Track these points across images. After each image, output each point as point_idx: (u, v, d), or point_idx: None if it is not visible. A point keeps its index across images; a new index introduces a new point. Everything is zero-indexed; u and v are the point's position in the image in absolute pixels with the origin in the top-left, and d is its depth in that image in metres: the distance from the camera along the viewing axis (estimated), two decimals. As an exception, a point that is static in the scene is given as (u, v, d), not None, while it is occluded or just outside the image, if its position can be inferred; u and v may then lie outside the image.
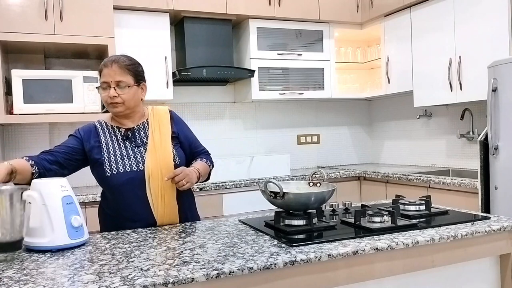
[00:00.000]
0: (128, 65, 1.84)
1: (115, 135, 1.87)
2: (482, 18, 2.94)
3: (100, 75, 1.84)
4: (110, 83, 1.79)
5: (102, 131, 1.88)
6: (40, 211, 1.47)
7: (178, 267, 1.23)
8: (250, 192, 3.27)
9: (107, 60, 1.83)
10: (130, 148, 1.85)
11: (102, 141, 1.85)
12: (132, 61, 1.87)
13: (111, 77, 1.79)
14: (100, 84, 1.83)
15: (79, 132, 1.88)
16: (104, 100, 1.83)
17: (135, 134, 1.88)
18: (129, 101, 1.83)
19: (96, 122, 1.92)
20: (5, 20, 2.78)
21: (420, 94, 3.47)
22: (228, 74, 3.44)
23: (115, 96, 1.79)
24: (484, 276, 1.65)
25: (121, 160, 1.81)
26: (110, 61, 1.81)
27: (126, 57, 1.87)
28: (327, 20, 3.87)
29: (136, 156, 1.83)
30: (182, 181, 1.77)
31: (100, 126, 1.89)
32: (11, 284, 1.15)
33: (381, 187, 3.52)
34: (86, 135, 1.86)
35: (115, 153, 1.82)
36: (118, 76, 1.79)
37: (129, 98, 1.82)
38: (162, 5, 3.29)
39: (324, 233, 1.54)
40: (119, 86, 1.80)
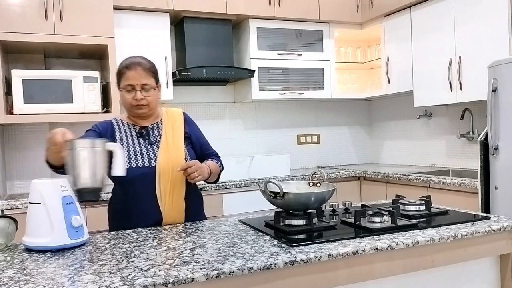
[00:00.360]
0: (150, 68, 1.90)
1: (130, 132, 1.93)
2: (482, 18, 2.94)
3: (120, 77, 1.88)
4: (135, 86, 1.84)
5: (118, 128, 1.94)
6: (40, 211, 1.47)
7: (178, 267, 1.23)
8: (250, 192, 3.27)
9: (130, 63, 1.86)
10: (143, 145, 1.90)
11: (117, 137, 1.91)
12: (151, 63, 1.93)
13: (136, 80, 1.84)
14: (123, 87, 1.86)
15: (97, 127, 1.93)
16: (128, 102, 1.87)
17: (149, 132, 1.94)
18: (152, 103, 1.90)
19: (112, 119, 1.98)
20: (5, 20, 2.78)
21: (420, 94, 3.47)
22: (228, 74, 3.44)
23: (142, 99, 1.85)
24: (484, 276, 1.65)
25: (134, 156, 1.87)
26: (134, 64, 1.86)
27: (145, 59, 1.92)
28: (327, 20, 3.87)
29: (149, 153, 1.89)
30: (194, 173, 1.81)
31: (116, 123, 1.95)
32: (11, 284, 1.15)
33: (381, 187, 3.52)
34: (104, 129, 1.92)
35: (129, 149, 1.88)
36: (143, 79, 1.85)
37: (153, 100, 1.89)
38: (162, 5, 3.29)
39: (324, 233, 1.54)
40: (144, 88, 1.86)
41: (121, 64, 1.90)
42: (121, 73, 1.88)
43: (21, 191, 3.20)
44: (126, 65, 1.86)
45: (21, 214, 2.25)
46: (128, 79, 1.84)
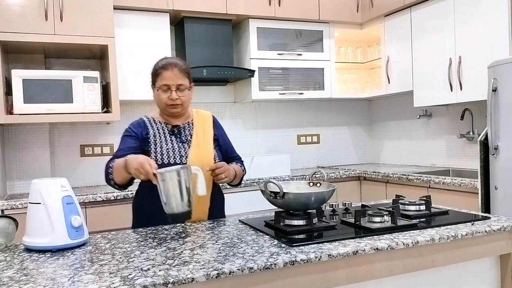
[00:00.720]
0: (185, 69, 1.97)
1: (162, 130, 1.99)
2: (482, 18, 2.94)
3: (156, 77, 1.95)
4: (171, 86, 1.92)
5: (150, 125, 2.00)
6: (40, 211, 1.47)
7: (178, 267, 1.23)
8: (250, 192, 3.27)
9: (166, 64, 1.94)
10: (175, 143, 1.96)
11: (150, 134, 1.96)
12: (186, 64, 2.00)
13: (172, 80, 1.91)
14: (159, 86, 1.93)
15: (132, 130, 1.97)
16: (163, 101, 1.94)
17: (181, 131, 2.01)
18: (186, 102, 1.97)
19: (143, 117, 2.04)
20: (5, 20, 2.78)
21: (420, 94, 3.47)
22: (228, 74, 3.44)
23: (176, 99, 1.92)
24: (484, 276, 1.65)
25: (166, 153, 1.93)
26: (170, 65, 1.93)
27: (180, 60, 1.99)
28: (327, 20, 3.87)
29: (180, 151, 1.94)
30: (221, 175, 1.88)
31: (148, 121, 2.01)
32: (11, 284, 1.15)
33: (381, 187, 3.52)
34: (138, 130, 1.97)
35: (161, 146, 1.94)
36: (179, 79, 1.93)
37: (186, 100, 1.97)
38: (162, 5, 3.29)
39: (324, 233, 1.54)
40: (179, 89, 1.93)
41: (157, 65, 1.97)
42: (157, 73, 1.94)
43: (21, 191, 3.20)
44: (162, 66, 1.94)
45: (21, 214, 2.25)
46: (164, 79, 1.92)
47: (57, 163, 3.37)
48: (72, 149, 3.41)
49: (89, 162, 3.45)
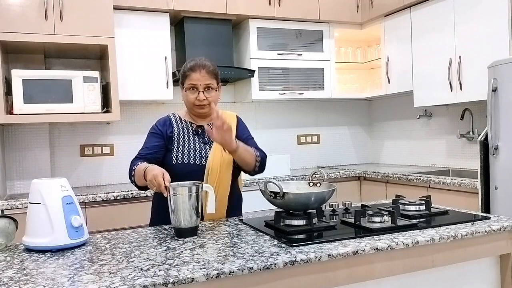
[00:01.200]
0: (214, 70, 1.99)
1: (186, 129, 2.02)
2: (482, 18, 2.94)
3: (185, 78, 1.97)
4: (198, 87, 1.94)
5: (176, 123, 2.03)
6: (40, 211, 1.47)
7: (178, 267, 1.23)
8: (250, 192, 3.27)
9: (195, 65, 1.95)
10: (198, 143, 1.99)
11: (175, 132, 2.00)
12: (214, 65, 2.02)
13: (200, 81, 1.94)
14: (188, 87, 1.96)
15: (158, 128, 2.01)
16: (191, 101, 1.97)
17: (204, 132, 2.01)
18: (214, 103, 1.97)
19: (170, 114, 2.08)
20: (5, 20, 2.78)
21: (420, 94, 3.47)
22: (228, 74, 3.44)
23: (204, 99, 1.95)
24: (484, 276, 1.65)
25: (187, 152, 1.96)
26: (199, 66, 1.95)
27: (209, 61, 2.00)
28: (327, 20, 3.87)
29: (201, 151, 1.97)
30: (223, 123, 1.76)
31: (174, 119, 2.05)
32: (11, 284, 1.15)
33: (381, 187, 3.52)
34: (163, 128, 2.01)
35: (183, 145, 1.97)
36: (207, 80, 1.95)
37: (214, 100, 1.98)
38: (162, 5, 3.29)
39: (324, 233, 1.54)
40: (207, 89, 1.96)
41: (185, 66, 1.99)
42: (185, 74, 1.97)
43: (21, 191, 3.20)
44: (191, 67, 1.96)
45: (21, 214, 2.25)
46: (192, 80, 1.94)
47: (57, 163, 3.37)
48: (72, 149, 3.41)
49: (89, 162, 3.45)
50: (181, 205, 1.57)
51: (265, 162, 2.06)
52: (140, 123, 3.60)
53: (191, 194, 1.58)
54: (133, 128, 3.59)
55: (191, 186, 1.60)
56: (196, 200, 1.59)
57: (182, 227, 1.58)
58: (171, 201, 1.59)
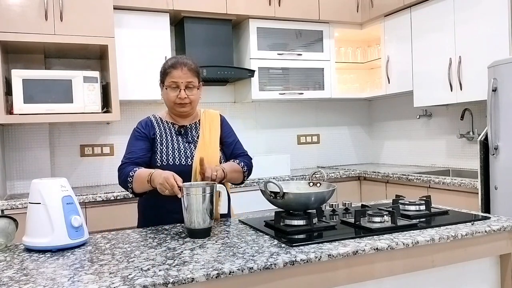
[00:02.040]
0: (195, 68, 1.96)
1: (169, 130, 1.99)
2: (482, 18, 2.94)
3: (165, 75, 1.94)
4: (180, 84, 1.91)
5: (157, 125, 2.00)
6: (40, 211, 1.47)
7: (178, 267, 1.23)
8: (250, 192, 3.27)
9: (176, 62, 1.92)
10: (182, 143, 1.96)
11: (157, 134, 1.97)
12: (195, 63, 1.98)
13: (181, 78, 1.91)
14: (168, 84, 1.93)
15: (141, 131, 1.97)
16: (172, 100, 1.93)
17: (187, 132, 2.00)
18: (194, 102, 1.96)
19: (151, 116, 2.04)
20: (5, 20, 2.78)
21: (420, 94, 3.47)
22: (228, 74, 3.44)
23: (185, 97, 1.91)
24: (484, 276, 1.65)
25: (172, 153, 1.93)
26: (180, 64, 1.92)
27: (189, 59, 1.97)
28: (327, 20, 3.87)
29: (186, 151, 1.94)
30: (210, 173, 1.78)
31: (155, 120, 2.02)
32: (11, 284, 1.15)
33: (381, 187, 3.52)
34: (146, 130, 1.98)
35: (167, 146, 1.94)
36: (188, 78, 1.91)
37: (195, 99, 1.96)
38: (162, 5, 3.29)
39: (324, 233, 1.54)
40: (188, 87, 1.92)
41: (166, 63, 1.96)
42: (166, 72, 1.94)
43: (21, 191, 3.20)
44: (171, 64, 1.93)
45: (21, 214, 2.25)
46: (173, 77, 1.91)
47: (57, 163, 3.37)
48: (72, 149, 3.41)
49: (89, 162, 3.45)
50: (195, 206, 1.56)
51: (251, 168, 2.09)
52: (140, 123, 3.59)
53: (205, 195, 1.57)
54: (133, 128, 3.58)
55: (204, 186, 1.59)
56: (210, 201, 1.58)
57: (196, 228, 1.57)
58: (184, 202, 1.58)
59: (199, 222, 1.56)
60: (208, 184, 1.62)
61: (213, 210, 1.61)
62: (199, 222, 1.56)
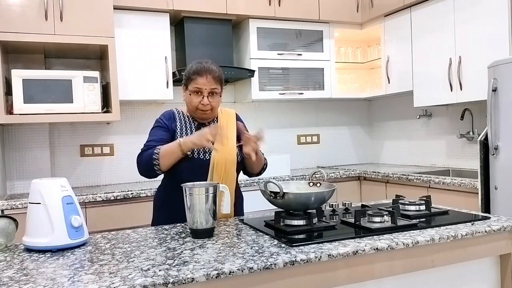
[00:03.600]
0: (219, 75, 1.98)
1: (189, 124, 2.03)
2: (482, 18, 2.94)
3: (190, 80, 1.96)
4: (203, 91, 1.94)
5: (179, 118, 2.04)
6: (40, 211, 1.47)
7: (178, 267, 1.23)
8: (250, 192, 3.27)
9: (201, 69, 1.94)
10: None
11: (178, 127, 2.01)
12: (220, 70, 2.01)
13: (205, 85, 1.93)
14: (192, 90, 1.95)
15: (163, 121, 2.02)
16: (194, 105, 1.96)
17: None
18: (216, 107, 2.01)
19: (174, 109, 2.09)
20: (5, 20, 2.78)
21: (420, 94, 3.47)
22: (228, 74, 3.44)
23: (207, 104, 1.95)
24: (484, 276, 1.65)
25: None
26: (205, 71, 1.93)
27: (215, 66, 1.99)
28: (327, 20, 3.87)
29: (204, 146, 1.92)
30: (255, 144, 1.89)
31: (178, 114, 2.06)
32: (11, 284, 1.15)
33: (381, 187, 3.52)
34: (168, 122, 2.02)
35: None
36: (212, 85, 1.94)
37: (217, 105, 2.00)
38: (162, 5, 3.29)
39: (324, 233, 1.54)
40: (211, 94, 1.96)
41: (191, 68, 1.97)
42: (191, 78, 1.95)
43: (21, 191, 3.20)
44: (197, 71, 1.94)
45: (21, 214, 2.25)
46: (198, 84, 1.93)
47: (57, 163, 3.37)
48: (72, 149, 3.41)
49: (89, 162, 3.45)
50: (197, 206, 1.56)
51: (267, 166, 2.16)
52: (140, 123, 3.60)
53: (208, 195, 1.57)
54: (133, 128, 3.59)
55: (208, 186, 1.59)
56: (213, 201, 1.58)
57: (199, 228, 1.57)
58: (187, 202, 1.58)
59: (201, 223, 1.56)
60: (211, 184, 1.62)
61: (216, 210, 1.61)
62: (201, 223, 1.56)
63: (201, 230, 1.57)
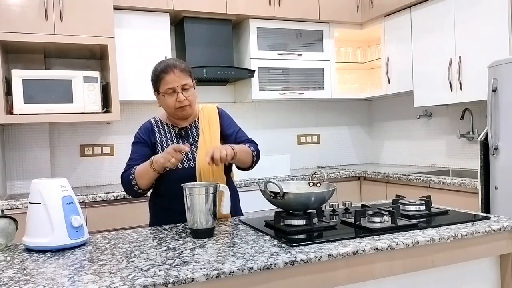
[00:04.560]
0: (186, 67, 1.91)
1: (169, 133, 1.97)
2: (482, 18, 2.94)
3: (159, 82, 1.88)
4: (176, 88, 1.86)
5: (158, 129, 1.98)
6: (40, 211, 1.47)
7: (178, 267, 1.23)
8: (250, 192, 3.27)
9: (165, 67, 1.88)
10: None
11: (157, 139, 1.95)
12: (184, 63, 1.94)
13: (176, 82, 1.86)
14: (164, 91, 1.87)
15: (141, 136, 1.96)
16: (171, 105, 1.89)
17: (188, 133, 1.98)
18: (193, 101, 1.93)
19: (151, 119, 2.02)
20: (5, 20, 2.78)
21: (420, 94, 3.47)
22: (228, 74, 3.44)
23: (184, 100, 1.87)
24: (484, 276, 1.65)
25: None
26: (170, 67, 1.87)
27: (177, 60, 1.93)
28: (327, 20, 3.87)
29: (188, 154, 1.90)
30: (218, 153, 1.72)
31: (156, 124, 1.99)
32: (11, 284, 1.15)
33: (381, 187, 3.52)
34: (146, 135, 1.96)
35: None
36: (182, 80, 1.87)
37: (194, 99, 1.92)
38: (162, 5, 3.29)
39: (324, 233, 1.54)
40: (184, 89, 1.88)
41: (156, 69, 1.91)
42: (159, 78, 1.88)
43: (21, 191, 3.20)
44: (162, 70, 1.88)
45: (21, 214, 2.25)
46: (168, 83, 1.86)
47: (57, 163, 3.37)
48: (72, 149, 3.41)
49: (89, 162, 3.45)
50: (197, 206, 1.56)
51: (259, 152, 2.03)
52: (140, 123, 3.55)
53: (208, 195, 1.57)
54: (133, 128, 3.58)
55: (208, 186, 1.59)
56: (213, 201, 1.58)
57: (199, 228, 1.57)
58: (187, 202, 1.58)
59: (201, 223, 1.56)
60: (211, 184, 1.62)
61: (216, 210, 1.61)
62: (201, 223, 1.56)
63: (201, 230, 1.57)
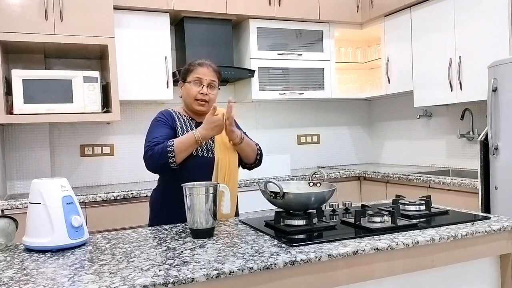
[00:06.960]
0: (218, 70, 2.05)
1: (189, 123, 2.04)
2: (482, 18, 2.94)
3: (190, 72, 2.01)
4: (203, 81, 1.98)
5: (177, 118, 2.04)
6: (40, 211, 1.47)
7: (178, 267, 1.23)
8: (250, 192, 3.27)
9: (201, 62, 2.02)
10: None
11: (178, 126, 2.01)
12: (218, 67, 2.08)
13: (206, 75, 1.99)
14: (192, 79, 1.98)
15: (165, 118, 2.01)
16: (193, 95, 1.98)
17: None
18: (212, 101, 2.01)
19: (170, 109, 2.08)
20: (5, 20, 2.78)
21: (420, 94, 3.47)
22: (228, 74, 3.44)
23: (206, 94, 1.98)
24: (484, 276, 1.65)
25: None
26: (205, 63, 2.01)
27: (213, 63, 2.06)
28: (327, 20, 3.87)
29: (206, 144, 1.98)
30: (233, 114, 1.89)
31: (175, 114, 2.05)
32: (11, 284, 1.15)
33: (381, 187, 3.52)
34: (169, 119, 2.01)
35: None
36: (212, 76, 2.00)
37: (214, 99, 2.02)
38: (162, 5, 3.29)
39: (324, 233, 1.54)
40: (210, 86, 2.00)
41: (192, 62, 2.03)
42: (191, 69, 2.01)
43: (21, 191, 3.20)
44: (198, 63, 2.01)
45: (21, 214, 2.25)
46: (199, 74, 1.98)
47: (57, 163, 3.37)
48: (72, 149, 3.41)
49: (89, 162, 3.45)
50: (197, 206, 1.56)
51: (262, 155, 2.14)
52: (140, 123, 3.60)
53: (208, 195, 1.57)
54: (133, 128, 3.59)
55: (208, 186, 1.59)
56: (213, 201, 1.58)
57: (199, 228, 1.57)
58: (187, 202, 1.58)
59: (201, 223, 1.56)
60: (211, 184, 1.62)
61: (216, 210, 1.61)
62: (201, 223, 1.56)
63: (201, 230, 1.57)
